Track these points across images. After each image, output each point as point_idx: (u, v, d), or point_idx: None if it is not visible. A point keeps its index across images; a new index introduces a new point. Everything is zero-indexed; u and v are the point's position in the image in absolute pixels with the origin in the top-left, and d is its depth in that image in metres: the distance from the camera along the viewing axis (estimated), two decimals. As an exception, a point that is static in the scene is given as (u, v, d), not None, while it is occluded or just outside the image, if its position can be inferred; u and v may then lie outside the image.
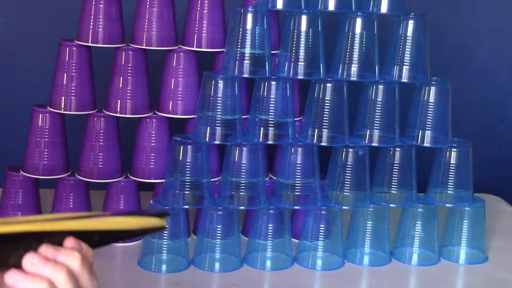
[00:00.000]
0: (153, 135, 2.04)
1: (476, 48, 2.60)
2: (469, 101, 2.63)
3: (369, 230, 2.00)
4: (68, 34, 2.02)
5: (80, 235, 0.99)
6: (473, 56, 2.61)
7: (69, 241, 0.98)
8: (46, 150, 2.01)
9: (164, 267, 1.90)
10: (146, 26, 2.00)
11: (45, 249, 0.96)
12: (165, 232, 1.89)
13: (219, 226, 1.91)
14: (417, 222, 2.02)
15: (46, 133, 2.01)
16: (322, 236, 1.98)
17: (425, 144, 2.01)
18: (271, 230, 1.95)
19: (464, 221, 2.05)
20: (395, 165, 2.01)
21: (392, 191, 2.02)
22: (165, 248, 1.90)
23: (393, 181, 2.01)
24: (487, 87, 2.64)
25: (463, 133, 2.63)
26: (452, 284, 1.96)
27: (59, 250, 0.97)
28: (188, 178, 1.92)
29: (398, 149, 2.01)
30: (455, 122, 2.62)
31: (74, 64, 1.99)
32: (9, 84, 2.45)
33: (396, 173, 2.01)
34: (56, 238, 0.98)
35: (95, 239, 1.01)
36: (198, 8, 2.03)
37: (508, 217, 2.36)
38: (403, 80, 2.00)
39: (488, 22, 2.58)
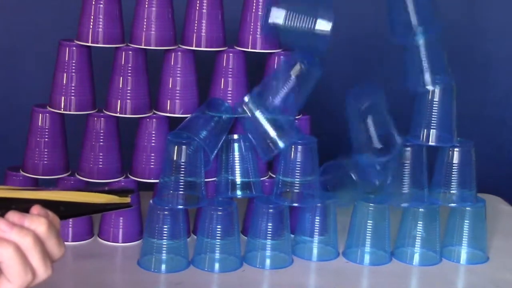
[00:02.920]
0: (153, 135, 2.02)
1: (476, 48, 2.59)
2: (469, 101, 2.60)
3: (370, 229, 1.98)
4: (68, 34, 2.01)
5: (46, 205, 1.03)
6: (473, 56, 2.59)
7: (35, 208, 1.01)
8: (46, 150, 1.99)
9: (163, 267, 1.88)
10: (145, 26, 1.98)
11: (12, 215, 0.99)
12: (164, 232, 1.87)
13: (219, 226, 1.88)
14: (419, 222, 2.00)
15: (46, 133, 1.98)
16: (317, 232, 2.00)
17: (430, 143, 1.99)
18: (270, 229, 1.93)
19: (465, 221, 2.02)
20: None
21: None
22: (164, 248, 1.88)
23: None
24: (487, 87, 2.62)
25: (463, 133, 2.63)
26: (453, 284, 1.95)
27: (25, 216, 0.99)
28: (182, 178, 1.89)
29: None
30: (455, 122, 2.61)
31: (74, 64, 1.97)
32: (9, 84, 2.44)
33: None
34: (22, 206, 1.01)
35: (61, 210, 1.05)
36: (197, 8, 2.01)
37: (508, 217, 2.34)
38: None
39: (488, 22, 2.57)
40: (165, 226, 1.87)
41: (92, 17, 1.95)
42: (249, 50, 2.06)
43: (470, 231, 2.02)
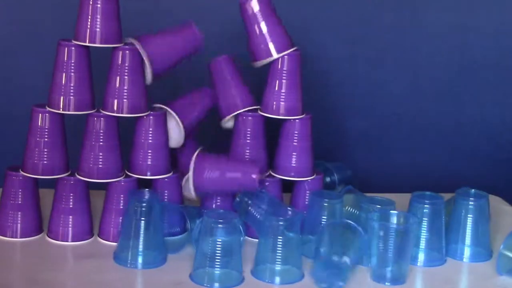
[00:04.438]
0: (150, 132, 2.01)
1: (476, 48, 2.56)
2: (469, 101, 2.60)
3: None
4: (68, 34, 1.99)
5: None
6: (473, 56, 2.57)
7: None
8: (45, 150, 1.96)
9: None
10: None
11: None
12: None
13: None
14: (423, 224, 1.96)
15: (46, 133, 1.96)
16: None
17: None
18: (280, 241, 1.84)
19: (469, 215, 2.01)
20: None
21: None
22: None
23: None
24: (487, 87, 2.60)
25: (463, 133, 2.61)
26: (455, 283, 1.93)
27: None
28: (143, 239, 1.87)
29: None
30: (455, 123, 2.60)
31: (72, 64, 1.94)
32: (9, 84, 2.42)
33: None
34: None
35: None
36: None
37: (509, 217, 2.31)
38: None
39: (488, 22, 2.54)
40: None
41: (89, 16, 1.93)
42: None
43: (473, 228, 2.00)
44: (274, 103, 2.06)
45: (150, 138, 2.00)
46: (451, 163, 2.62)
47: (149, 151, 2.00)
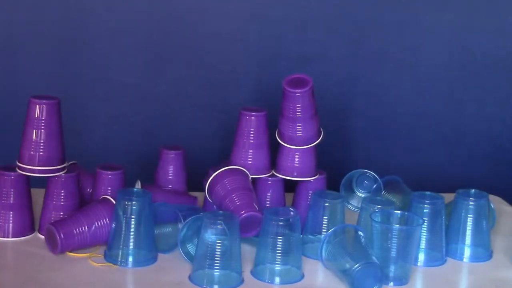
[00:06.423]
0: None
1: (476, 48, 2.51)
2: (469, 101, 2.55)
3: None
4: (68, 34, 1.93)
5: None
6: (473, 56, 2.52)
7: None
8: (42, 141, 1.90)
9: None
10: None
11: None
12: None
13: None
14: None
15: (42, 125, 1.89)
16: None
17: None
18: (280, 242, 1.78)
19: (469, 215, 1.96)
20: None
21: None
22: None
23: None
24: (487, 87, 2.55)
25: (463, 133, 2.57)
26: (455, 283, 1.87)
27: None
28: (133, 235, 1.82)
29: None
30: (455, 123, 2.55)
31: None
32: (8, 84, 2.39)
33: None
34: None
35: None
36: None
37: (509, 217, 2.26)
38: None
39: (488, 22, 2.50)
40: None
41: None
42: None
43: (473, 228, 1.96)
44: None
45: None
46: (451, 163, 2.59)
47: None
